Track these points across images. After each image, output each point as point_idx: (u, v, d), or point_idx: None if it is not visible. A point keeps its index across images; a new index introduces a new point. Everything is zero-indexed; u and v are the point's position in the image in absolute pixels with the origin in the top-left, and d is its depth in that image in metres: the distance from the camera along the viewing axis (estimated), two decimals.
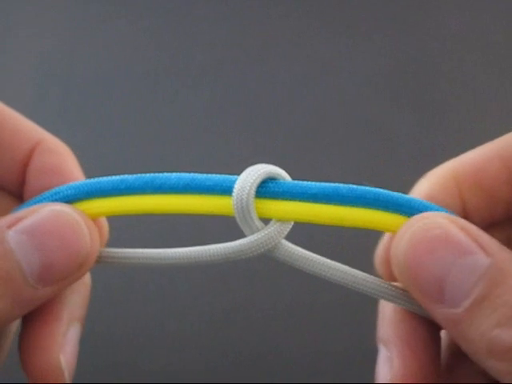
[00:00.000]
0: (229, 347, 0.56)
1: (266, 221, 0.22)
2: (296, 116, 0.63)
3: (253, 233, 0.21)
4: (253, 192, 0.21)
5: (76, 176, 0.24)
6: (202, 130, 0.63)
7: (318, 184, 0.21)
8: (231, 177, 0.21)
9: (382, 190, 0.21)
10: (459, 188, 0.22)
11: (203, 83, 0.65)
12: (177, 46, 0.67)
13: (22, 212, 0.21)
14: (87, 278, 0.24)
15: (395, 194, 0.21)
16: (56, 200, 0.22)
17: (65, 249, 0.20)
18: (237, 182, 0.21)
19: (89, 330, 0.58)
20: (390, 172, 0.58)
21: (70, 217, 0.21)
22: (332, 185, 0.21)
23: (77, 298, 0.23)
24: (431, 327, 0.21)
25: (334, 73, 0.65)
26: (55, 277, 0.20)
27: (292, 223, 0.22)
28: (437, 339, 0.21)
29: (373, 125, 0.62)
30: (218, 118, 0.63)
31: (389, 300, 0.21)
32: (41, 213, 0.20)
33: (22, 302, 0.20)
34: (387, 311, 0.22)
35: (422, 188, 0.22)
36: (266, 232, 0.21)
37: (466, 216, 0.22)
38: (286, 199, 0.21)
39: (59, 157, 0.24)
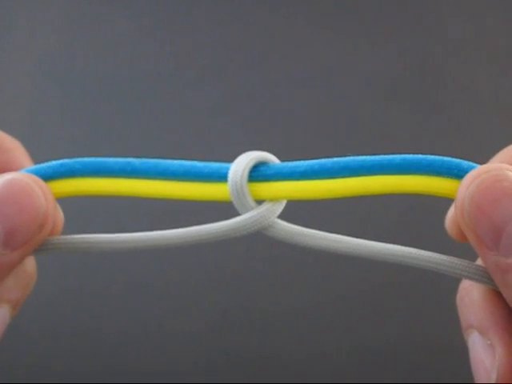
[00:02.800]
0: (229, 347, 0.56)
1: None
2: (297, 117, 0.63)
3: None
4: (246, 174, 0.22)
5: None
6: (202, 131, 0.63)
7: (305, 162, 0.22)
8: (226, 164, 0.23)
9: (366, 157, 0.22)
10: None
11: (203, 84, 0.65)
12: (177, 46, 0.67)
13: None
14: (29, 266, 0.25)
15: (380, 157, 0.22)
16: (57, 173, 0.23)
17: (23, 212, 0.21)
18: (230, 167, 0.23)
19: (89, 329, 0.58)
20: None
21: (23, 181, 0.22)
22: (318, 160, 0.22)
23: (10, 280, 0.23)
24: None
25: (335, 75, 0.65)
26: (20, 240, 0.21)
27: (284, 202, 0.23)
28: None
29: (373, 126, 0.62)
30: (219, 119, 0.63)
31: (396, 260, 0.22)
32: None
33: None
34: (475, 296, 0.22)
35: (509, 154, 0.23)
36: (259, 210, 0.22)
37: None
38: (278, 180, 0.23)
39: (11, 154, 0.24)
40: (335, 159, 0.22)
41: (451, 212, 0.24)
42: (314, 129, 0.63)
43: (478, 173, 0.20)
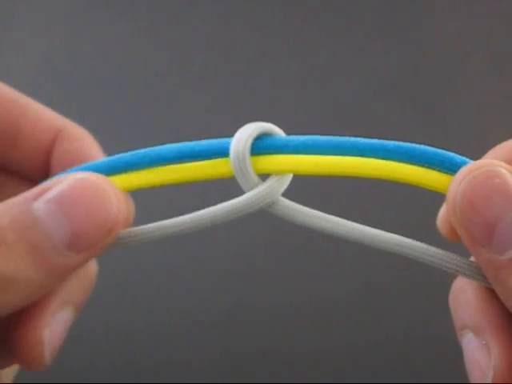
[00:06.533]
0: (229, 347, 0.56)
1: (267, 178, 0.22)
2: (297, 117, 0.63)
3: (251, 189, 0.22)
4: (248, 145, 0.21)
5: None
6: (202, 131, 0.63)
7: (310, 136, 0.22)
8: (228, 139, 0.22)
9: (374, 140, 0.22)
10: None
11: (202, 84, 0.65)
12: (177, 46, 0.67)
13: (47, 183, 0.21)
14: (92, 267, 0.24)
15: (383, 142, 0.22)
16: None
17: (92, 216, 0.20)
18: (232, 139, 0.22)
19: (90, 329, 0.58)
20: None
21: (95, 184, 0.21)
22: (324, 137, 0.22)
23: (75, 283, 0.23)
24: None
25: (334, 74, 0.65)
26: (86, 244, 0.20)
27: (290, 177, 0.22)
28: None
29: (373, 126, 0.62)
30: (217, 119, 0.63)
31: (394, 249, 0.22)
32: (66, 182, 0.20)
33: (56, 271, 0.20)
34: (469, 296, 0.22)
35: (502, 151, 0.23)
36: (264, 187, 0.22)
37: None
38: (282, 153, 0.22)
39: (81, 143, 0.24)
40: (343, 138, 0.22)
41: (443, 211, 0.24)
42: (313, 128, 0.63)
43: (469, 169, 0.20)
